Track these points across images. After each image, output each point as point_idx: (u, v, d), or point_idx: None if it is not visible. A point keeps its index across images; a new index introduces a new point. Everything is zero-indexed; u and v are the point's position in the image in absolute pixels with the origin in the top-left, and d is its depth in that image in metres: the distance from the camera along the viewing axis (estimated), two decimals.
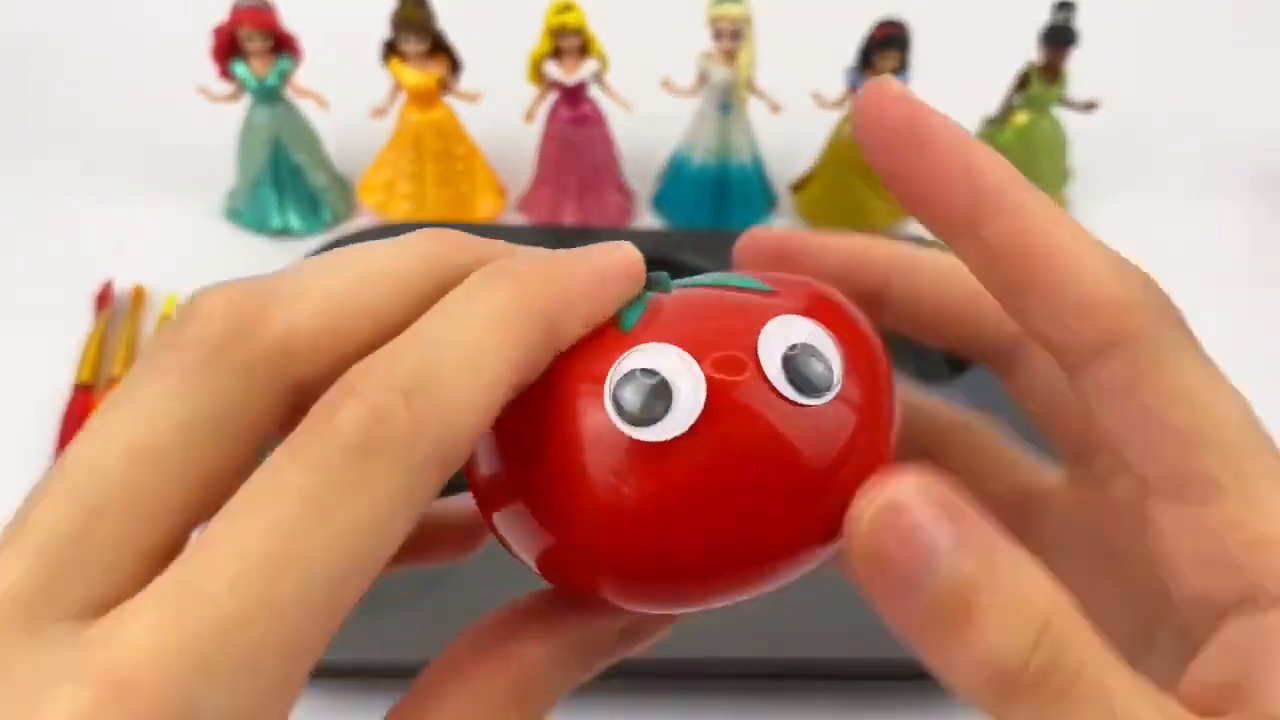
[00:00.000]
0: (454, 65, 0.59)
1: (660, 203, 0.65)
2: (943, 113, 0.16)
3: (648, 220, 0.65)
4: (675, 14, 0.65)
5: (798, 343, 0.16)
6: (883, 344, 0.18)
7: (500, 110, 0.61)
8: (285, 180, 0.61)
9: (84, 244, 0.61)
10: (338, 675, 0.40)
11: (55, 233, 0.62)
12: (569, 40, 0.57)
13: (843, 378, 0.16)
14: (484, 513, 0.18)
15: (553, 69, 0.58)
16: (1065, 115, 0.62)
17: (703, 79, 0.60)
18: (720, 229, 0.63)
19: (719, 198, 0.63)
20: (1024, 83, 0.60)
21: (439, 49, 0.58)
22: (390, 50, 0.58)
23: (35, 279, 0.59)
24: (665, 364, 0.15)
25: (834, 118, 0.62)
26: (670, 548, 0.15)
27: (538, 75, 0.58)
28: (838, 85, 0.60)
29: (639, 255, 0.18)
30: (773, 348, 0.16)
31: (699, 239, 0.61)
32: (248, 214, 0.62)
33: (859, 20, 0.58)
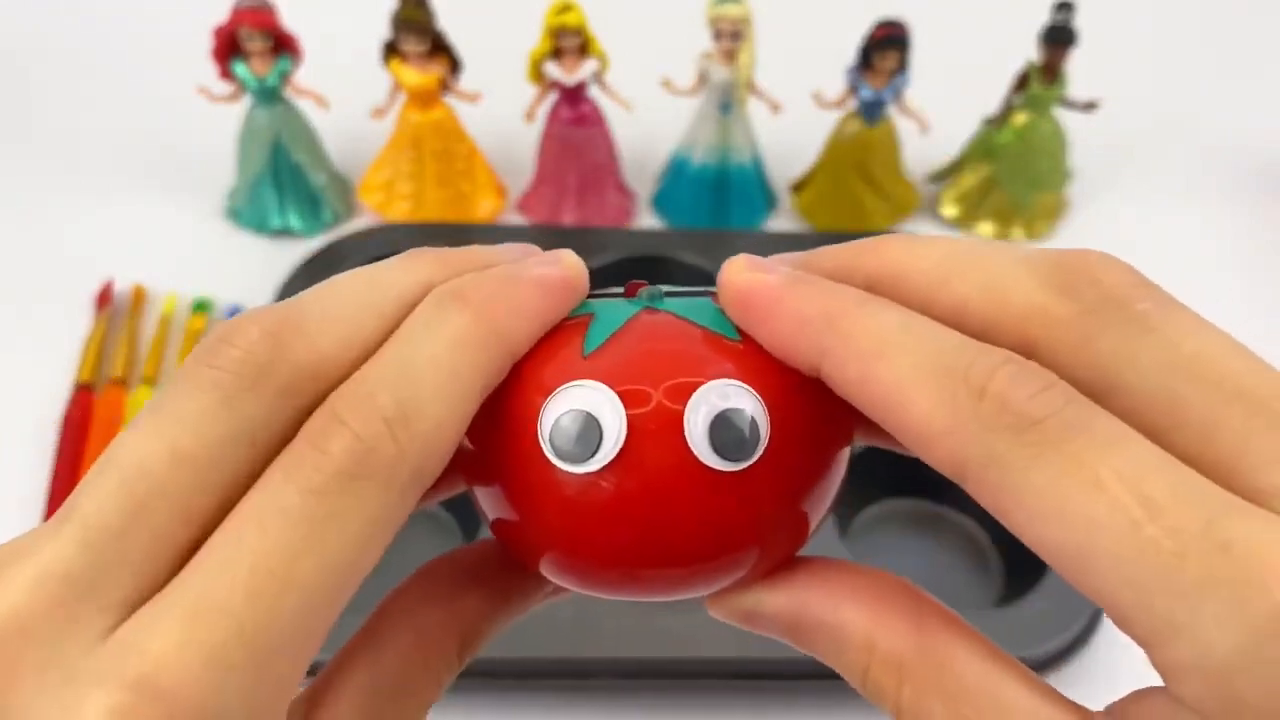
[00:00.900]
0: (454, 65, 0.59)
1: (660, 202, 0.65)
2: (781, 272, 0.18)
3: (648, 220, 0.65)
4: (675, 14, 0.65)
5: (727, 409, 0.17)
6: (840, 413, 0.18)
7: (500, 110, 0.61)
8: (285, 180, 0.61)
9: (84, 244, 0.61)
10: None
11: (56, 233, 0.62)
12: (569, 40, 0.57)
13: (766, 447, 0.17)
14: (459, 472, 0.20)
15: (553, 69, 0.58)
16: (1065, 115, 0.62)
17: (703, 79, 0.60)
18: (720, 229, 0.63)
19: (719, 198, 0.63)
20: (1024, 83, 0.60)
21: (439, 49, 0.58)
22: (390, 50, 0.58)
23: (35, 279, 0.60)
24: (595, 406, 0.17)
25: (834, 118, 0.62)
26: (591, 552, 0.18)
27: (538, 75, 0.58)
28: (838, 85, 0.60)
29: (581, 268, 0.19)
30: (701, 410, 0.17)
31: (699, 239, 0.61)
32: (248, 214, 0.62)
33: (859, 20, 0.58)
